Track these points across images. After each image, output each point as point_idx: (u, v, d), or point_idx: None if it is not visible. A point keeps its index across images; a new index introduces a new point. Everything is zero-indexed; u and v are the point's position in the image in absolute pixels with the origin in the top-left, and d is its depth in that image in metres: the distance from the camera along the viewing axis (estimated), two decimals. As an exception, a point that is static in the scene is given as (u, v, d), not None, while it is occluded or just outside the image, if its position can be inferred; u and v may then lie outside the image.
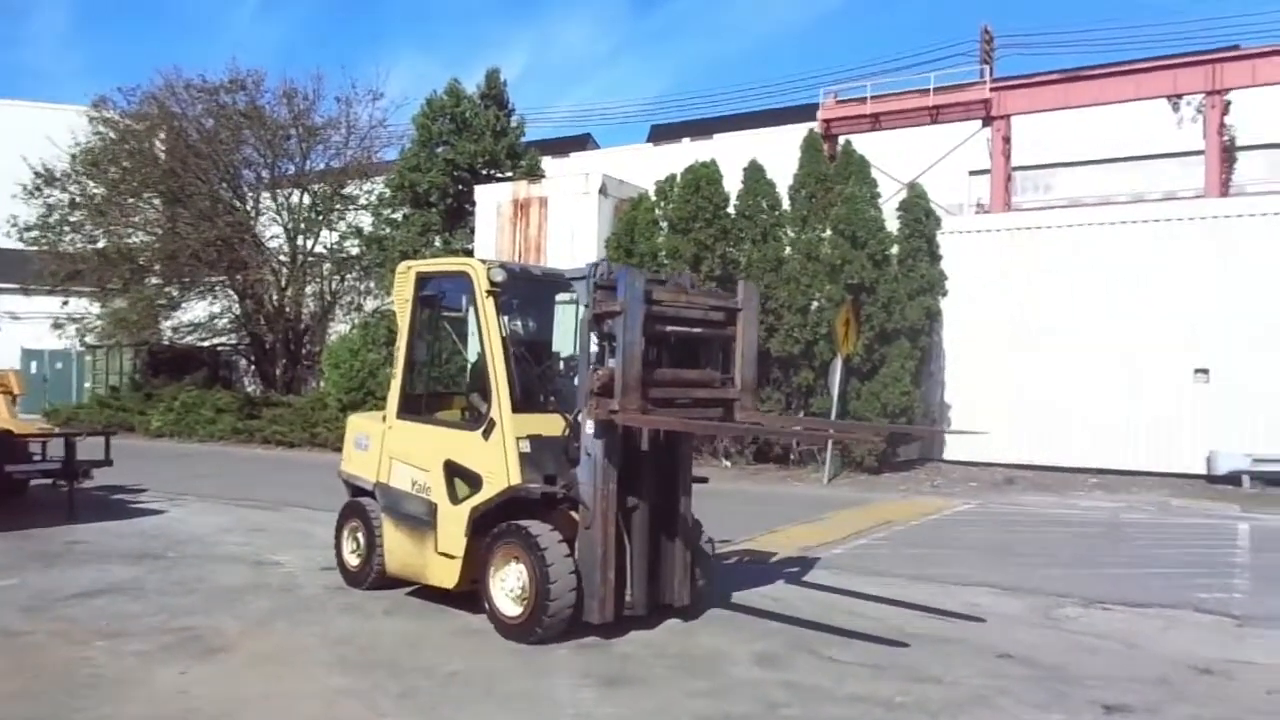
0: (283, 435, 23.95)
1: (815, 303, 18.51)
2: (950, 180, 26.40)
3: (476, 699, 5.44)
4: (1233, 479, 17.05)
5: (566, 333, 8.03)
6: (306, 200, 29.76)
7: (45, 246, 29.28)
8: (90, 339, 31.52)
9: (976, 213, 26.14)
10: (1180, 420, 17.96)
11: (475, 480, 7.11)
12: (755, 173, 19.62)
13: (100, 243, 29.32)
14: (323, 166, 30.39)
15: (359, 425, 8.69)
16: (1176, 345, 18.11)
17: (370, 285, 29.08)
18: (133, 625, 6.85)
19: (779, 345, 18.38)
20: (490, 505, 6.89)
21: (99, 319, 30.52)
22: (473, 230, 24.18)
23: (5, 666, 5.91)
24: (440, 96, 26.28)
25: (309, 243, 29.85)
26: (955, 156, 26.00)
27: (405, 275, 8.17)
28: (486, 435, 7.04)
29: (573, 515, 6.73)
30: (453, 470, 7.31)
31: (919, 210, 19.01)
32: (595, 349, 6.64)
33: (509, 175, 25.56)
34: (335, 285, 30.62)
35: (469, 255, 21.53)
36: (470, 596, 7.02)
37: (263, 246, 29.50)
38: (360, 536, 8.14)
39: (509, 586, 6.69)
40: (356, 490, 8.43)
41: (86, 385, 34.71)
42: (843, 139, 22.77)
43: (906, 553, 10.50)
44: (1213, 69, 22.38)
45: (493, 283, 7.18)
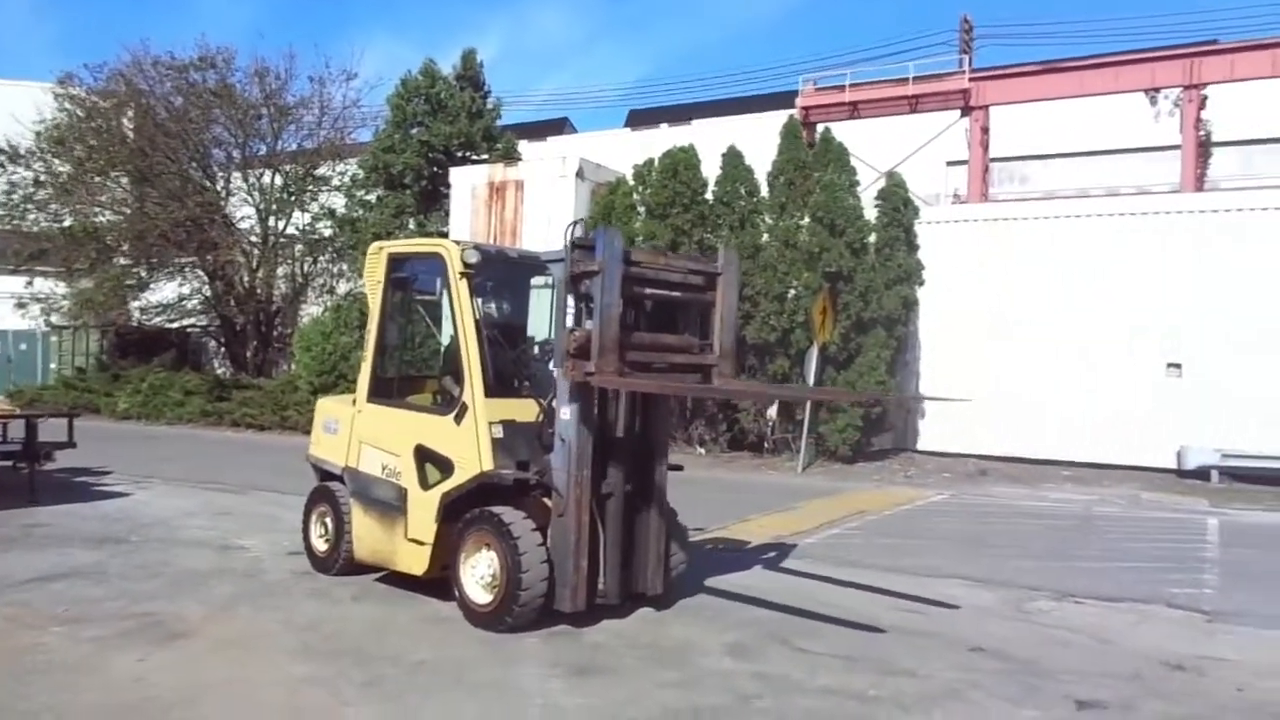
0: (253, 418, 23.70)
1: (792, 290, 18.45)
2: (928, 170, 26.44)
3: (443, 688, 5.33)
4: (1202, 474, 17.15)
5: (542, 316, 7.91)
6: (278, 181, 29.40)
7: (8, 225, 28.74)
8: (56, 319, 31.01)
9: (954, 203, 26.18)
10: (1152, 415, 18.05)
11: (446, 465, 6.98)
12: (734, 159, 19.52)
13: (66, 221, 28.84)
14: (295, 147, 30.08)
15: (328, 409, 8.54)
16: (1150, 339, 18.20)
17: (343, 267, 28.81)
18: (92, 611, 6.68)
19: (755, 332, 18.31)
20: (461, 491, 6.77)
21: (65, 299, 30.04)
22: (447, 213, 23.97)
23: (-43, 652, 5.74)
24: (415, 77, 26.01)
25: (281, 224, 29.53)
26: (933, 147, 26.00)
27: (377, 256, 8.02)
28: (458, 420, 6.91)
29: (545, 502, 6.63)
30: (424, 455, 7.17)
31: (897, 199, 18.99)
32: (572, 311, 6.49)
33: (484, 158, 25.34)
34: (307, 267, 30.32)
35: (444, 237, 21.32)
36: (440, 583, 6.91)
37: (233, 227, 29.13)
38: (329, 522, 8.00)
39: (480, 574, 6.58)
40: (325, 475, 8.28)
41: (52, 366, 34.16)
42: (821, 127, 22.69)
43: (879, 543, 10.47)
44: (1191, 63, 22.46)
45: (466, 264, 7.04)
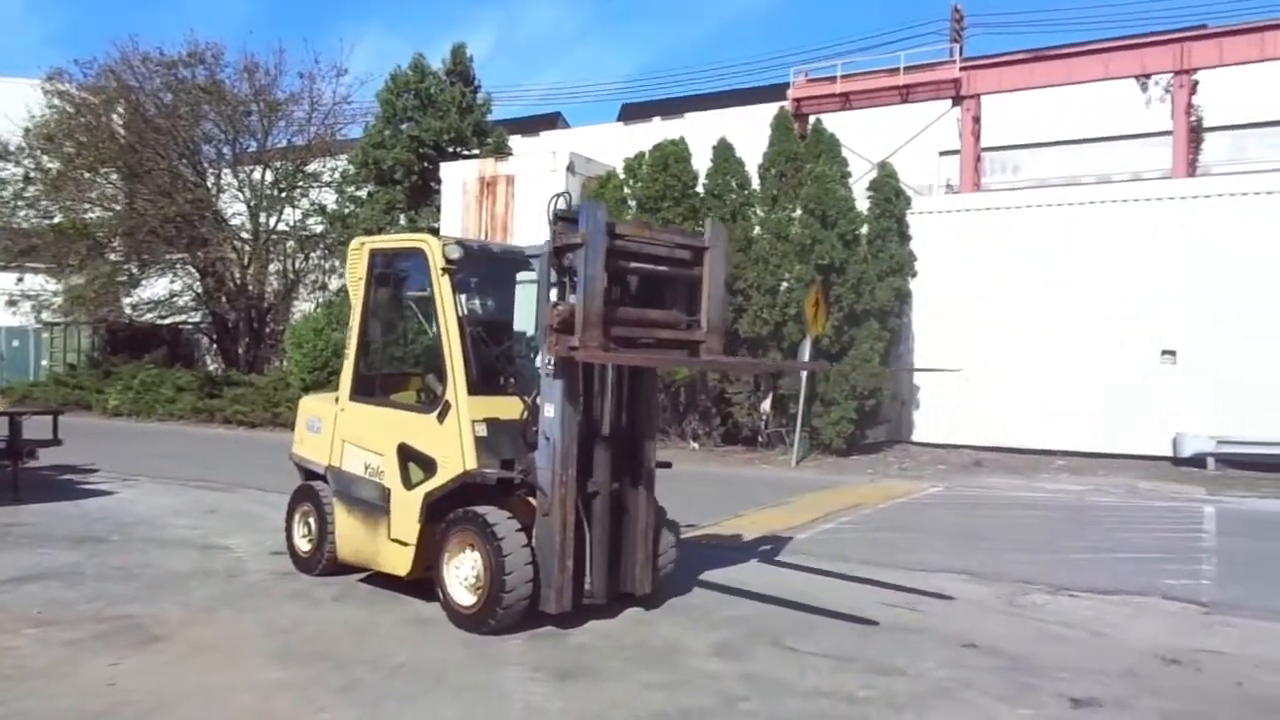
0: (244, 415, 23.57)
1: (784, 283, 18.34)
2: (921, 160, 26.26)
3: (422, 692, 5.21)
4: (1198, 461, 17.10)
5: (527, 312, 7.77)
6: (269, 177, 29.22)
7: (-1, 222, 28.59)
8: (47, 316, 30.83)
9: (946, 193, 26.04)
10: (1147, 402, 17.98)
11: (429, 465, 6.86)
12: (724, 151, 19.38)
13: (56, 218, 28.63)
14: (285, 143, 29.88)
15: (311, 407, 8.41)
16: (1144, 327, 18.13)
17: (334, 264, 28.60)
18: (67, 613, 6.55)
19: (748, 326, 18.20)
20: (444, 491, 6.65)
21: (56, 296, 29.86)
22: (439, 208, 23.80)
23: (-73, 659, 5.61)
24: (405, 72, 25.81)
25: (271, 220, 29.35)
26: (925, 137, 25.83)
27: (359, 252, 7.88)
28: (441, 418, 6.78)
29: (530, 501, 6.50)
30: (406, 454, 7.05)
31: (889, 190, 18.87)
32: (555, 286, 6.34)
33: (475, 153, 25.17)
34: (299, 264, 30.15)
35: (434, 233, 21.15)
36: (424, 584, 6.78)
37: (224, 224, 28.97)
38: (312, 521, 7.88)
39: (463, 575, 6.45)
40: (309, 474, 8.16)
41: (44, 363, 34.06)
42: (813, 118, 22.56)
43: (873, 537, 10.36)
44: (1180, 48, 22.30)
45: (448, 260, 6.91)
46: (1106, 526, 11.51)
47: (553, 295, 6.37)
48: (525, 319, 7.89)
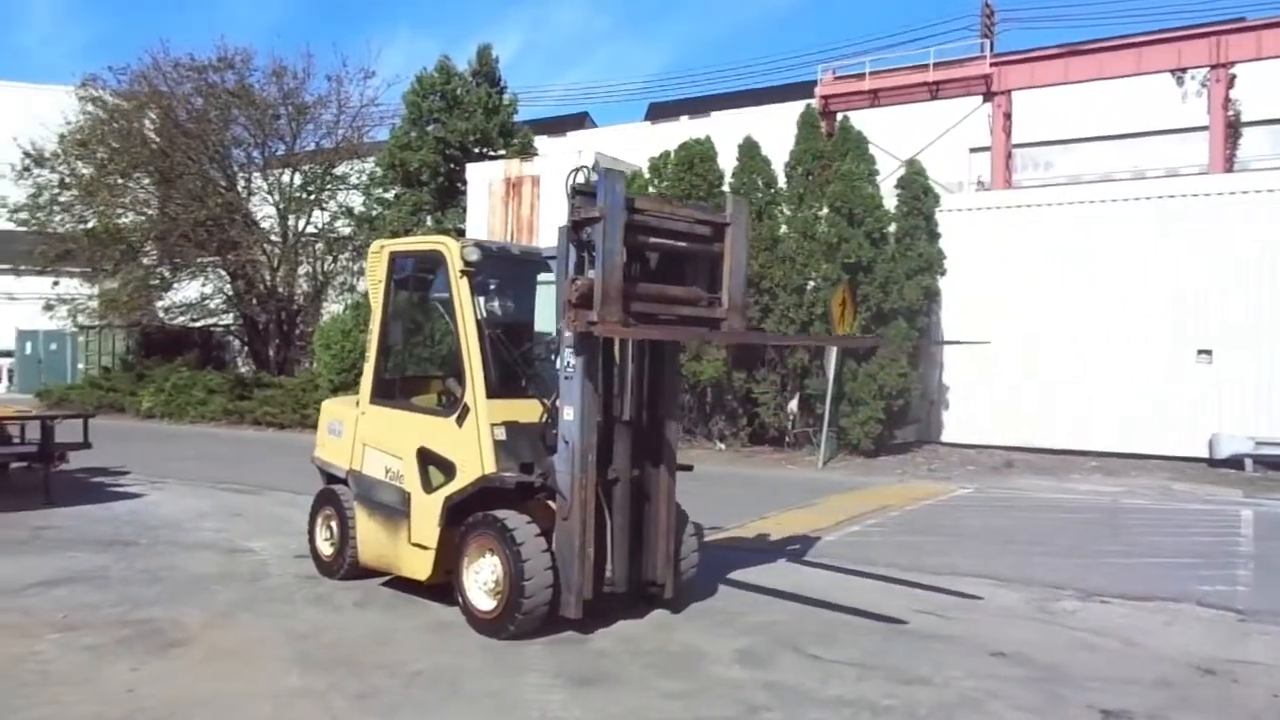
0: (274, 416, 23.73)
1: (811, 283, 18.19)
2: (951, 158, 26.05)
3: (439, 701, 5.16)
4: (1235, 463, 16.77)
5: (547, 314, 7.72)
6: (297, 180, 29.42)
7: (35, 227, 28.95)
8: (82, 320, 31.24)
9: (977, 190, 25.77)
10: (1182, 402, 17.66)
11: (449, 468, 6.82)
12: (750, 150, 19.26)
13: (90, 223, 28.99)
14: (313, 146, 30.07)
15: (332, 411, 8.42)
16: (1178, 325, 17.81)
17: (362, 265, 28.62)
18: (91, 617, 6.58)
19: (774, 326, 18.06)
20: (464, 494, 6.61)
21: (91, 300, 30.25)
22: (465, 210, 23.84)
23: (-49, 664, 5.64)
24: (431, 73, 25.91)
25: (300, 223, 29.56)
26: (955, 133, 25.61)
27: (378, 255, 7.88)
28: (460, 422, 6.74)
29: (550, 505, 6.44)
30: (426, 458, 7.02)
31: (917, 187, 18.66)
32: (574, 261, 6.26)
33: (501, 154, 25.20)
34: (328, 266, 30.35)
35: (460, 235, 21.18)
36: (445, 588, 6.74)
37: (254, 227, 29.20)
38: (334, 525, 7.88)
39: (483, 579, 6.41)
40: (330, 478, 8.15)
41: (80, 366, 34.52)
42: (840, 116, 22.38)
43: (900, 540, 10.22)
44: (1217, 41, 21.95)
45: (466, 262, 6.87)
46: (1139, 530, 11.30)
47: (570, 269, 6.26)
48: (546, 321, 7.84)
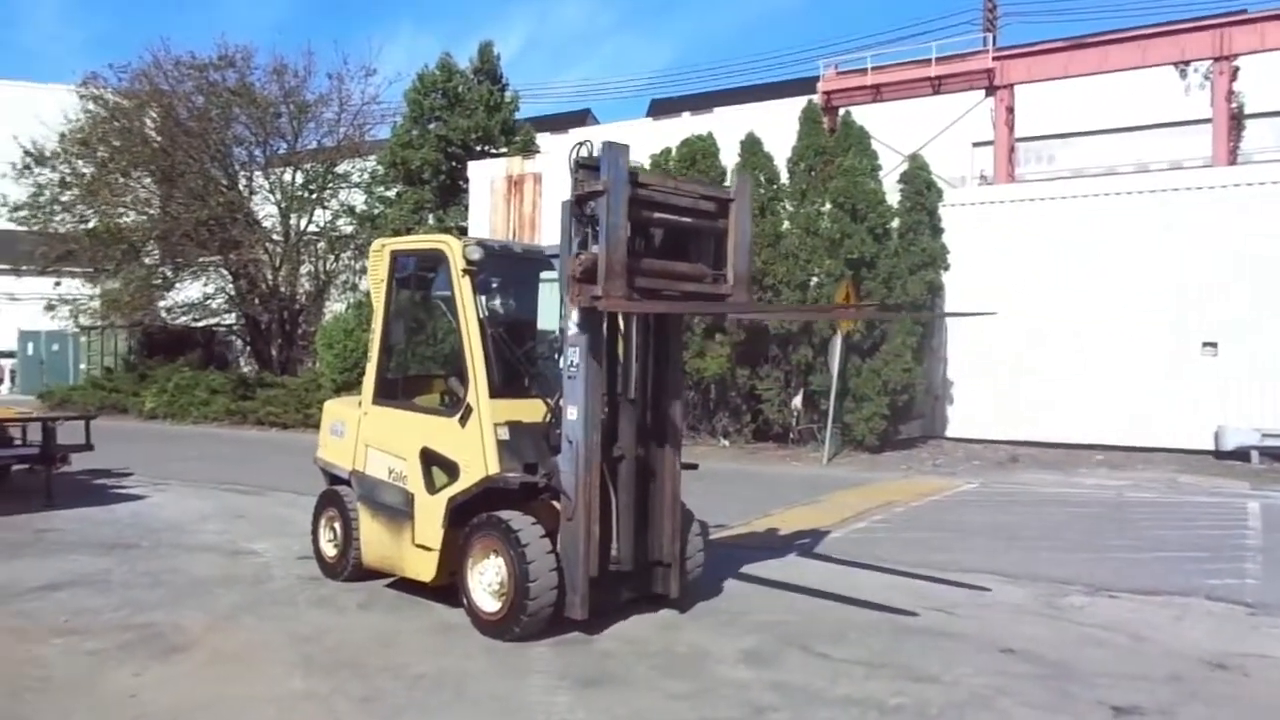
0: (276, 416, 23.70)
1: (814, 278, 18.13)
2: (953, 152, 25.89)
3: (444, 704, 5.12)
4: (1241, 455, 16.72)
5: (550, 313, 7.68)
6: (299, 179, 29.37)
7: (36, 227, 28.93)
8: (84, 320, 31.24)
9: (980, 184, 25.67)
10: (1187, 394, 17.61)
11: (452, 469, 6.77)
12: (752, 146, 19.18)
13: (91, 223, 28.97)
14: (315, 144, 30.02)
15: (335, 411, 8.37)
16: (1183, 318, 17.75)
17: (365, 264, 28.62)
18: (93, 622, 6.54)
19: (777, 322, 18.00)
20: (467, 495, 6.56)
21: (93, 300, 30.24)
22: (467, 208, 23.82)
23: (-47, 669, 5.61)
24: (432, 71, 25.90)
25: (302, 221, 29.51)
26: (958, 128, 25.48)
27: (380, 254, 7.84)
28: (463, 422, 6.69)
29: (554, 506, 6.40)
30: (429, 458, 6.97)
31: (920, 182, 18.59)
32: (578, 237, 6.19)
33: (503, 151, 25.16)
34: (330, 265, 30.33)
35: (463, 233, 21.15)
36: (450, 590, 6.69)
37: (256, 226, 29.15)
38: (337, 527, 7.83)
39: (487, 581, 6.36)
40: (333, 478, 8.11)
41: (82, 367, 34.51)
42: (843, 111, 22.28)
43: (906, 536, 10.17)
44: (1220, 34, 21.81)
45: (469, 261, 6.82)
46: (1146, 524, 11.24)
47: (573, 245, 6.20)
48: (548, 320, 7.79)
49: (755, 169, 18.97)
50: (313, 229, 29.72)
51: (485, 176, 23.01)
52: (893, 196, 18.56)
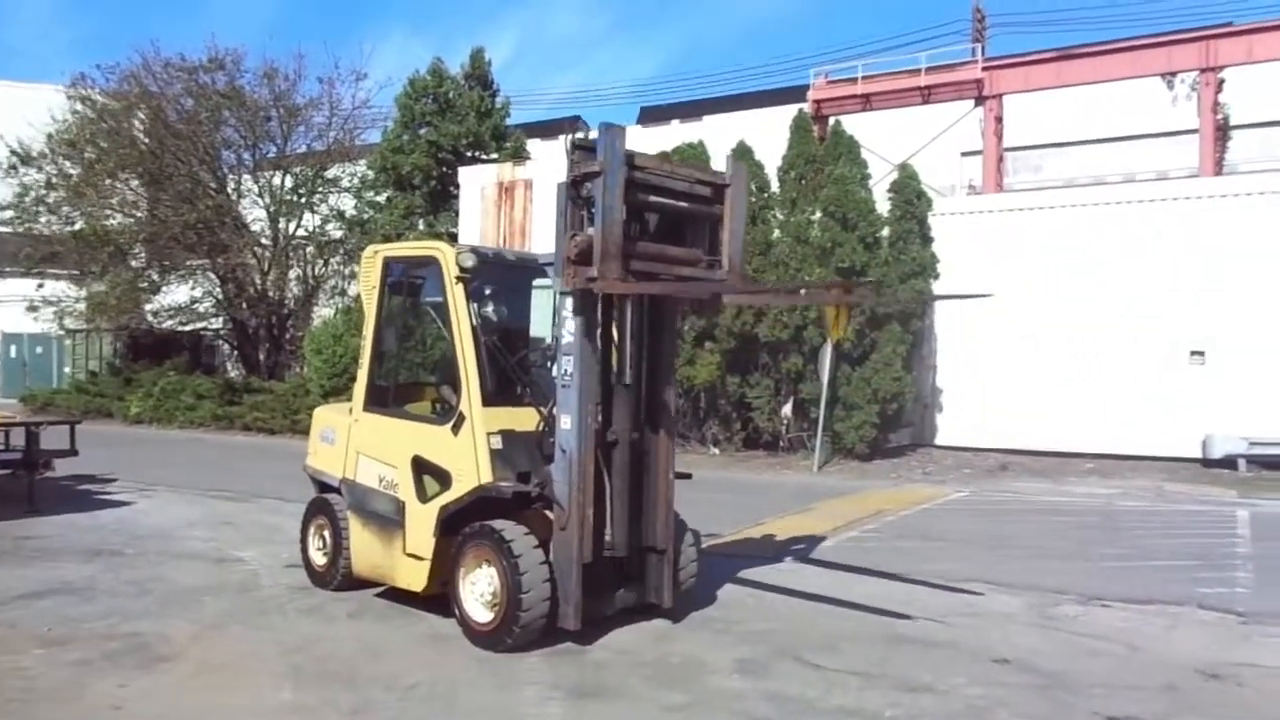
0: (264, 422, 23.54)
1: (804, 290, 18.11)
2: (942, 161, 25.97)
3: (435, 715, 5.06)
4: (1228, 463, 16.81)
5: (543, 321, 7.63)
6: (288, 182, 29.24)
7: (20, 228, 28.71)
8: (68, 323, 30.99)
9: (969, 194, 25.76)
10: (1175, 403, 17.70)
11: (444, 477, 6.71)
12: (742, 154, 19.12)
13: (78, 224, 28.77)
14: (304, 148, 29.90)
15: (325, 418, 8.30)
16: (1170, 327, 17.86)
17: (354, 269, 28.57)
18: (77, 631, 6.45)
19: (768, 330, 18.00)
20: (460, 504, 6.49)
21: (78, 302, 30.01)
22: (457, 213, 23.75)
23: (-65, 679, 5.52)
24: (423, 76, 25.83)
25: (291, 226, 29.37)
26: (947, 137, 25.54)
27: (372, 260, 7.77)
28: (456, 430, 6.63)
29: (547, 515, 6.34)
30: (421, 466, 6.90)
31: (910, 191, 18.64)
32: (573, 220, 6.14)
33: (494, 157, 25.11)
34: (318, 269, 30.19)
35: (453, 239, 21.10)
36: (441, 599, 6.62)
37: (244, 230, 29.00)
38: (327, 535, 7.75)
39: (479, 591, 6.30)
40: (323, 486, 8.03)
41: (66, 370, 34.25)
42: (833, 120, 22.33)
43: (897, 545, 10.15)
44: (1207, 45, 21.96)
45: (462, 268, 6.76)
46: (1137, 532, 11.26)
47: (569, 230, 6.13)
48: (541, 328, 7.74)
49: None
50: (302, 233, 29.58)
51: (476, 182, 22.95)
52: (882, 205, 18.60)
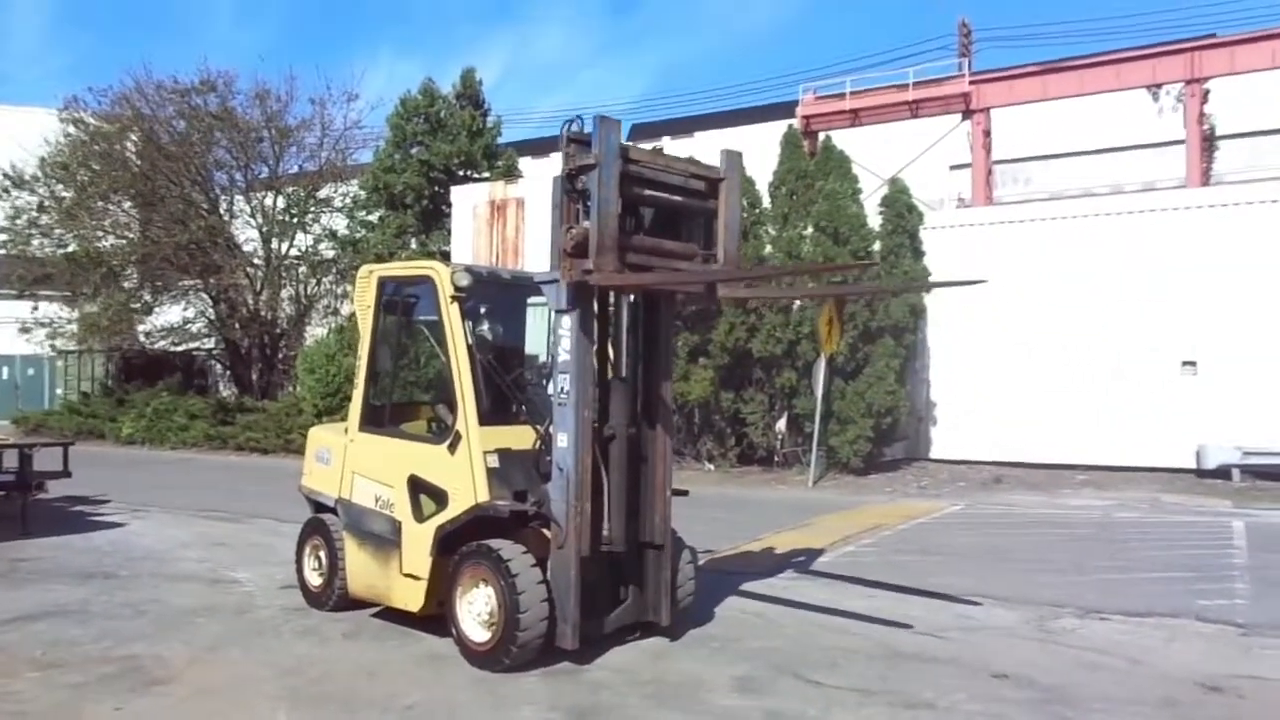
0: (256, 442, 23.45)
1: (798, 302, 18.16)
2: (931, 175, 26.14)
3: (435, 737, 5.05)
4: (1222, 473, 16.83)
5: (538, 339, 7.63)
6: (280, 203, 29.25)
7: (13, 250, 28.66)
8: (61, 344, 30.90)
9: (958, 207, 25.88)
10: (1168, 414, 17.74)
11: (441, 497, 6.69)
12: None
13: (70, 246, 28.73)
14: (297, 169, 29.90)
15: (320, 438, 8.26)
16: (1162, 338, 17.92)
17: (346, 289, 28.58)
18: (71, 654, 6.40)
19: (761, 345, 18.02)
20: (457, 524, 6.47)
21: (70, 324, 29.94)
22: (449, 232, 23.77)
23: (-72, 707, 5.48)
24: (415, 96, 25.88)
25: (283, 246, 29.36)
26: (936, 151, 25.73)
27: (367, 280, 7.75)
28: (452, 449, 6.62)
29: (545, 534, 6.33)
30: (417, 486, 6.88)
31: (901, 205, 18.71)
32: (569, 213, 6.14)
33: (485, 176, 25.15)
34: (311, 289, 30.15)
35: (445, 258, 21.10)
36: (438, 620, 6.59)
37: (237, 250, 28.99)
38: (322, 555, 7.71)
39: (477, 611, 6.27)
40: (319, 506, 7.99)
41: (58, 391, 34.12)
42: (822, 135, 22.44)
43: (894, 560, 10.14)
44: (1191, 57, 22.18)
45: (457, 287, 6.75)
46: (1133, 544, 11.27)
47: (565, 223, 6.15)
48: (537, 346, 7.75)
49: (738, 192, 19.00)
50: (294, 253, 29.57)
51: (468, 201, 22.97)
52: (873, 220, 18.66)
